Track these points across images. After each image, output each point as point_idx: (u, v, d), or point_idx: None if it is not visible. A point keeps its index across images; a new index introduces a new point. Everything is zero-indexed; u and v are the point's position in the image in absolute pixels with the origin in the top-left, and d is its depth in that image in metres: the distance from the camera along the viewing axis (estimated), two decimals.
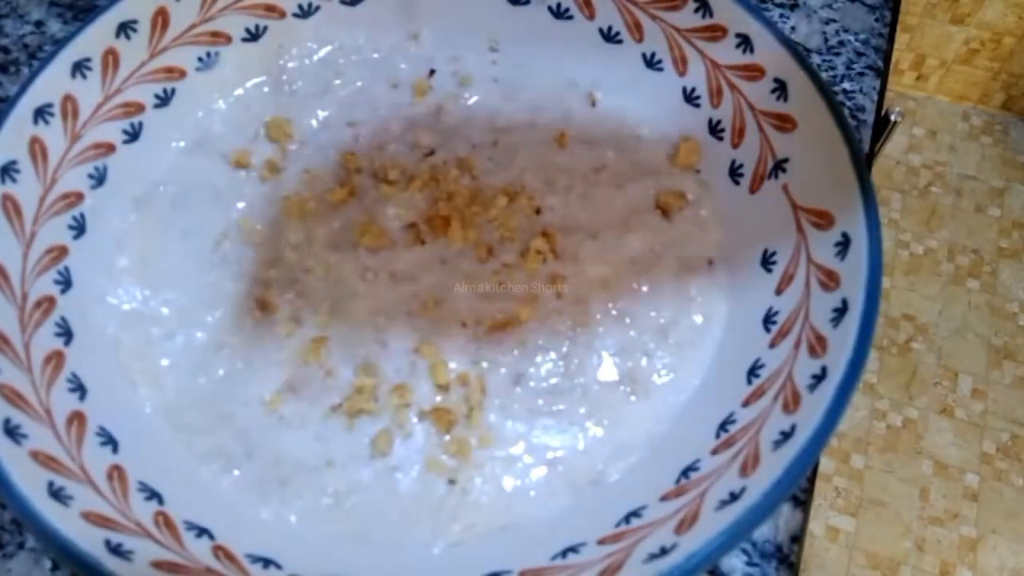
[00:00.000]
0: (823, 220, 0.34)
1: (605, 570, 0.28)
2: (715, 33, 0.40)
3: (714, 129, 0.41)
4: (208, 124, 0.43)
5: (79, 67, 0.37)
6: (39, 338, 0.33)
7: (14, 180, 0.34)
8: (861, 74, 0.47)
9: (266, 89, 0.44)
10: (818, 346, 0.31)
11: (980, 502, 1.10)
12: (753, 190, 0.39)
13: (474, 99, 0.44)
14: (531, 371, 0.36)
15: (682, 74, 0.42)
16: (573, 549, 0.29)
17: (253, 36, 0.43)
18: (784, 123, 0.37)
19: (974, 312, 1.24)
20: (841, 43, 0.48)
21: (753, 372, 0.34)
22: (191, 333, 0.37)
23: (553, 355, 0.37)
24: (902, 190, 1.36)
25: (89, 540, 0.27)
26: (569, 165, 0.42)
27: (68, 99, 0.37)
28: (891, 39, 0.49)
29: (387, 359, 0.37)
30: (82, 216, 0.37)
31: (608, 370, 0.37)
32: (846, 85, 0.47)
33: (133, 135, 0.40)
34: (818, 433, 0.28)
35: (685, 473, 0.32)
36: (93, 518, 0.28)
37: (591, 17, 0.43)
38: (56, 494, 0.28)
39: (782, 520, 0.34)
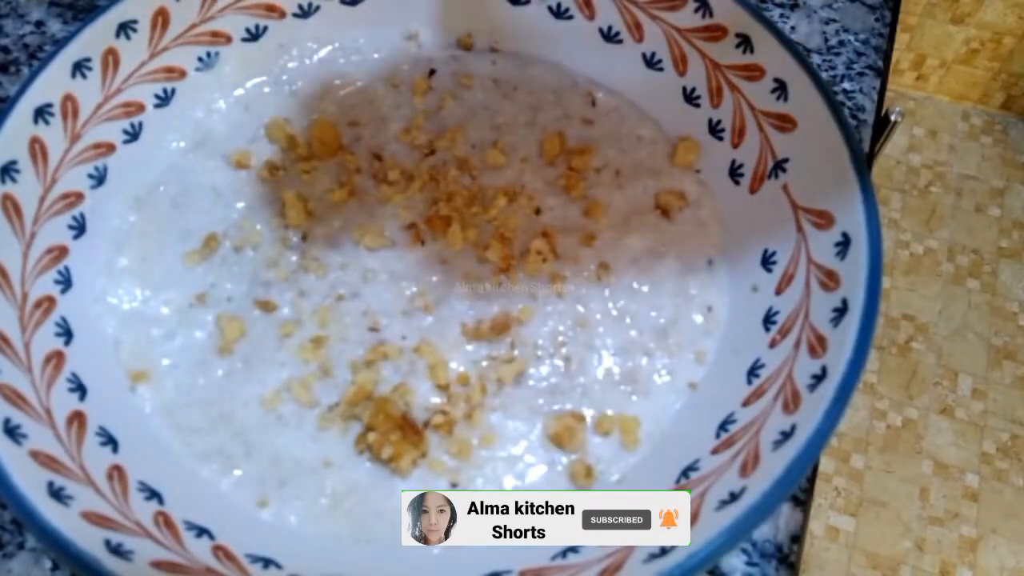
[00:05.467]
0: (823, 220, 0.34)
1: (605, 570, 0.28)
2: (715, 33, 0.40)
3: (714, 129, 0.41)
4: (208, 124, 0.43)
5: (79, 67, 0.37)
6: (39, 338, 0.33)
7: (14, 180, 0.34)
8: (861, 74, 0.47)
9: (266, 89, 0.44)
10: (818, 346, 0.31)
11: (980, 502, 1.10)
12: (753, 190, 0.39)
13: (474, 99, 0.44)
14: (531, 371, 0.36)
15: (682, 74, 0.42)
16: (573, 549, 0.29)
17: (253, 36, 0.43)
18: (784, 123, 0.37)
19: (974, 312, 1.24)
20: (841, 43, 0.48)
21: (753, 372, 0.34)
22: (191, 333, 0.37)
23: (553, 355, 0.37)
24: (902, 190, 1.36)
25: (89, 540, 0.27)
26: (569, 165, 0.42)
27: (68, 99, 0.37)
28: (891, 39, 0.49)
29: (387, 359, 0.37)
30: (82, 216, 0.37)
31: (608, 370, 0.37)
32: (846, 85, 0.47)
33: (133, 135, 0.40)
34: (818, 433, 0.28)
35: (685, 473, 0.32)
36: (93, 518, 0.28)
37: (591, 17, 0.43)
38: (56, 494, 0.28)
39: (782, 520, 0.34)
